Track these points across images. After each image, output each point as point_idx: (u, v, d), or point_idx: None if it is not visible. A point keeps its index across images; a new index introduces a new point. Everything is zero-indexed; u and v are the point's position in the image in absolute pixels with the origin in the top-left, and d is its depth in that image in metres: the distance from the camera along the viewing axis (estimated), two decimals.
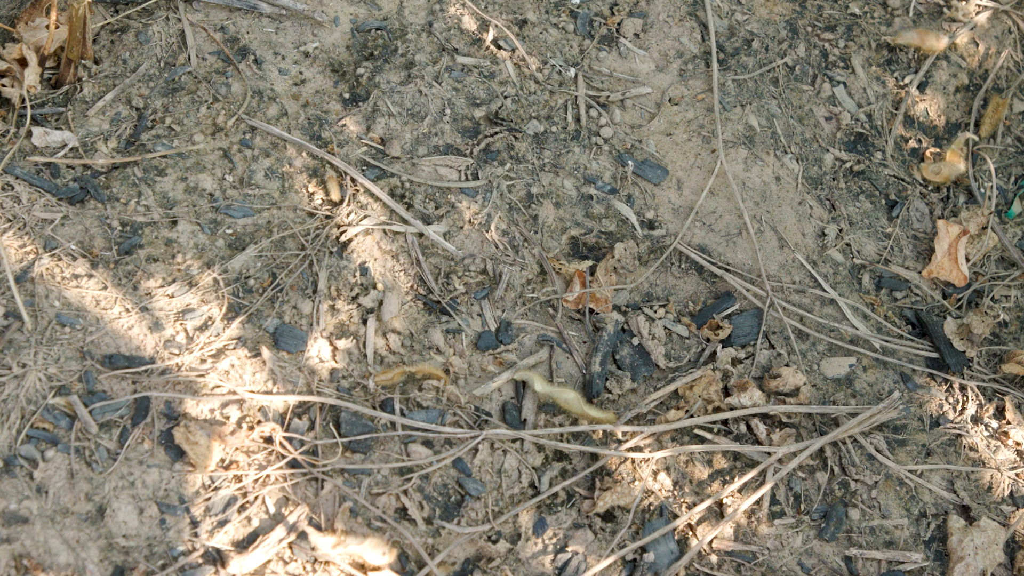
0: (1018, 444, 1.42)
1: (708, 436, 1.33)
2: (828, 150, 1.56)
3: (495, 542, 1.23)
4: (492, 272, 1.36)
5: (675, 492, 1.30)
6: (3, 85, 1.32)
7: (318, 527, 1.19)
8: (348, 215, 1.35)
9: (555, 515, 1.26)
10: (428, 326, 1.32)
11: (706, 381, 1.36)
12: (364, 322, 1.30)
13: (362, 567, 1.19)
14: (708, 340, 1.41)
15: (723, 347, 1.40)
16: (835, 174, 1.55)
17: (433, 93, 1.44)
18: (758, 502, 1.32)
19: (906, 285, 1.50)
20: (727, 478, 1.32)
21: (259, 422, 1.22)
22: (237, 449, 1.19)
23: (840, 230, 1.50)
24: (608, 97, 1.50)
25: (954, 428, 1.41)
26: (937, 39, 1.59)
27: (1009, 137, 1.63)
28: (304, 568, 1.18)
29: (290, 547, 1.18)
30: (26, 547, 1.10)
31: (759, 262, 1.44)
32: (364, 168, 1.38)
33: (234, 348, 1.25)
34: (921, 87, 1.62)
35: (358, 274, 1.32)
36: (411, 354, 1.30)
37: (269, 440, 1.21)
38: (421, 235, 1.37)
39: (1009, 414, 1.42)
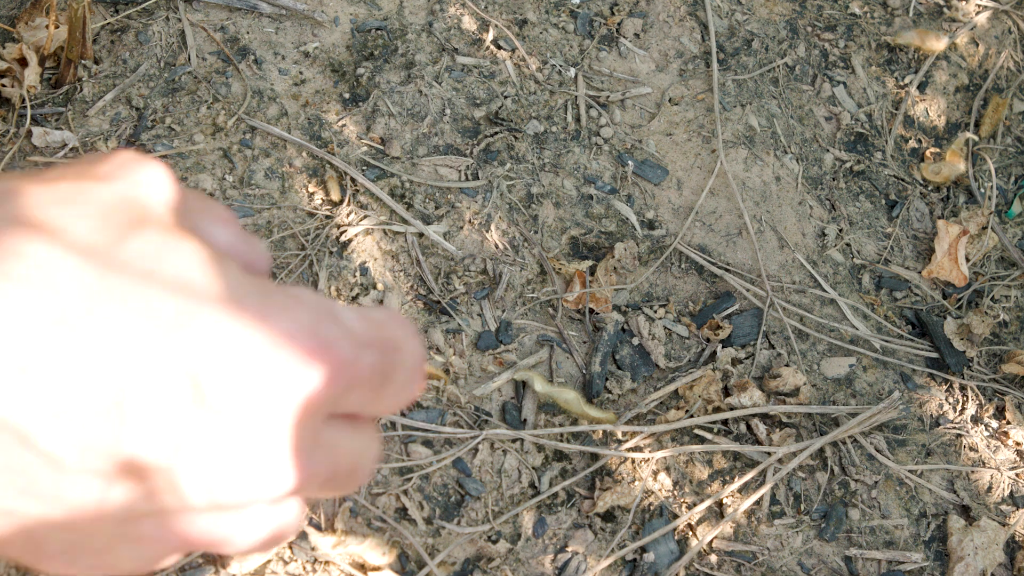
0: (1018, 444, 1.42)
1: (708, 436, 1.33)
2: (828, 150, 1.56)
3: (495, 542, 1.23)
4: (492, 272, 1.36)
5: (675, 492, 1.30)
6: (3, 85, 1.32)
7: (318, 527, 1.19)
8: (348, 215, 1.35)
9: (555, 515, 1.26)
10: (428, 326, 1.32)
11: (706, 381, 1.35)
12: None
13: (362, 567, 1.19)
14: (708, 340, 1.41)
15: (723, 347, 1.40)
16: (835, 174, 1.55)
17: (433, 93, 1.44)
18: (758, 502, 1.32)
19: (906, 285, 1.50)
20: (727, 478, 1.32)
21: None
22: None
23: (840, 230, 1.50)
24: (608, 97, 1.50)
25: (954, 428, 1.41)
26: (937, 39, 1.59)
27: (1009, 137, 1.63)
28: (304, 568, 1.18)
29: (290, 547, 1.18)
30: None
31: (759, 262, 1.44)
32: (364, 168, 1.38)
33: None
34: (921, 87, 1.62)
35: (358, 274, 1.32)
36: None
37: None
38: (421, 235, 1.37)
39: (1009, 414, 1.42)
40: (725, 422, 1.35)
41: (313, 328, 0.39)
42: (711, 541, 1.29)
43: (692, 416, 1.34)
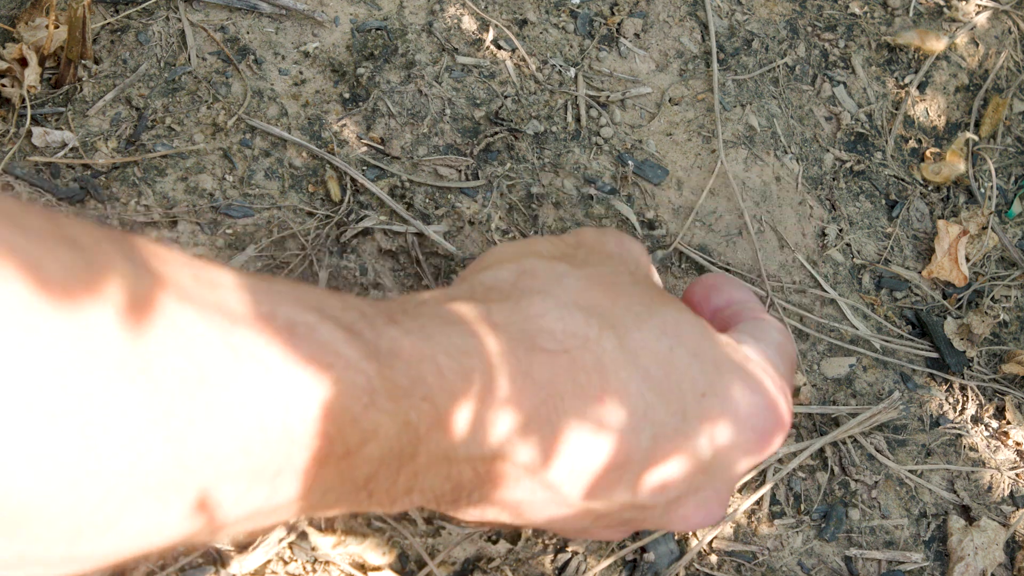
0: (1018, 444, 1.42)
1: None
2: (828, 150, 1.56)
3: (495, 542, 1.23)
4: None
5: None
6: (3, 85, 1.32)
7: (318, 527, 1.19)
8: (348, 215, 1.35)
9: None
10: None
11: None
12: None
13: (362, 567, 1.19)
14: None
15: None
16: (835, 174, 1.55)
17: (433, 93, 1.44)
18: (758, 502, 1.32)
19: (906, 285, 1.50)
20: None
21: None
22: None
23: (840, 230, 1.50)
24: (608, 97, 1.50)
25: (954, 428, 1.41)
26: (937, 39, 1.59)
27: (1009, 137, 1.63)
28: (304, 568, 1.18)
29: (290, 547, 1.18)
30: None
31: (759, 262, 1.44)
32: (364, 168, 1.38)
33: None
34: (921, 87, 1.62)
35: (358, 274, 1.32)
36: None
37: None
38: (421, 235, 1.37)
39: (1009, 414, 1.42)
40: None
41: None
42: (711, 541, 1.29)
43: None
